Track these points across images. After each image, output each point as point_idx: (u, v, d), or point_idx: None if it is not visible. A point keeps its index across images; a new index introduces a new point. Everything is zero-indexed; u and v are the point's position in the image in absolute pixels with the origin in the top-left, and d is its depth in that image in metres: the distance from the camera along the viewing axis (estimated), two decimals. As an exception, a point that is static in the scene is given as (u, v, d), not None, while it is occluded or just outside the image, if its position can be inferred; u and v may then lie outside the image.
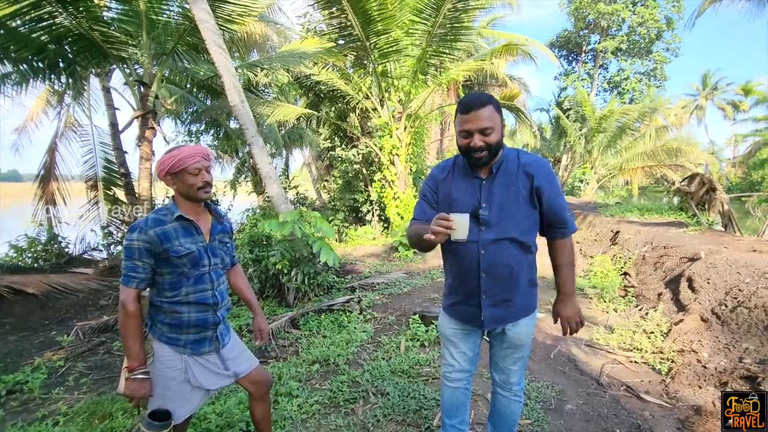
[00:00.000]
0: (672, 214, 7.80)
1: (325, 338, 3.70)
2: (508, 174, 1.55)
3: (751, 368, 2.33)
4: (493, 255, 1.53)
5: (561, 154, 21.83)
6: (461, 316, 1.69)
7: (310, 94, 10.69)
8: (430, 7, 6.99)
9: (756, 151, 23.12)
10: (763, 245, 4.35)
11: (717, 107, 32.24)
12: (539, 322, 3.92)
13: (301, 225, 4.72)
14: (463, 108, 1.47)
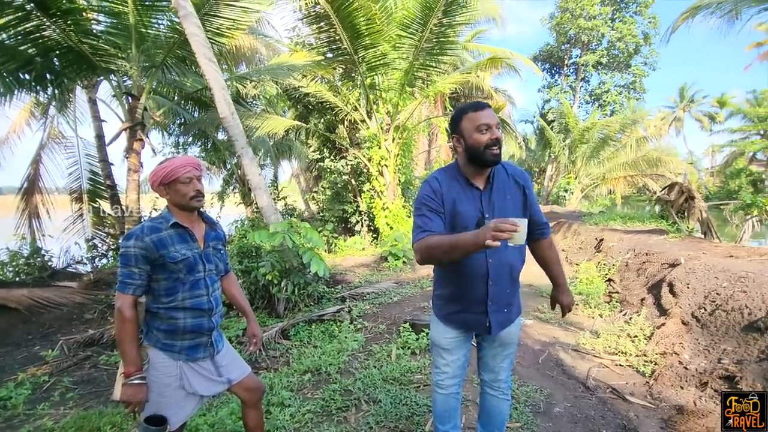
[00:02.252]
0: (653, 221, 8.02)
1: (316, 348, 3.71)
2: (502, 184, 1.63)
3: (730, 368, 2.43)
4: (500, 263, 1.60)
5: (546, 164, 22.27)
6: (464, 325, 1.70)
7: (298, 105, 10.77)
8: (416, 22, 7.17)
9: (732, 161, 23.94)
10: (739, 251, 4.52)
11: (694, 119, 33.33)
12: (528, 329, 4.00)
13: (291, 235, 4.73)
14: (475, 107, 1.55)
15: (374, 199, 9.36)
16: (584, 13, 22.55)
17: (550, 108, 24.38)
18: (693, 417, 2.23)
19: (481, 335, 1.76)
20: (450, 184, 1.59)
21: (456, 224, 1.56)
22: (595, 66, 23.94)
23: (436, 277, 1.76)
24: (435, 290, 1.78)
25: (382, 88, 8.72)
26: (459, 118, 1.58)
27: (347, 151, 10.14)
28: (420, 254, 1.49)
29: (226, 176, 12.49)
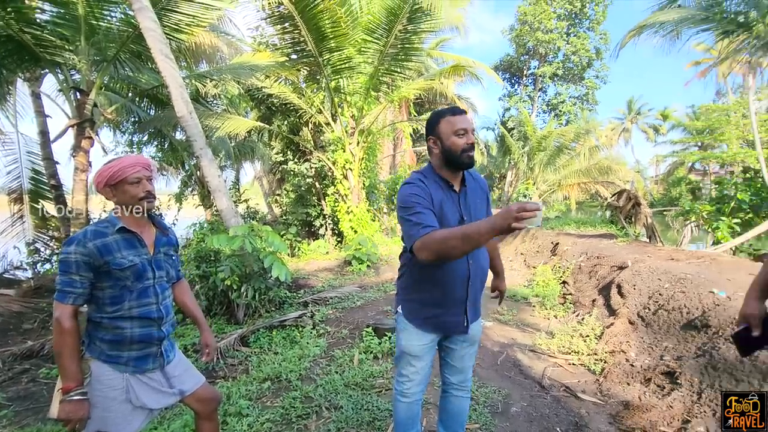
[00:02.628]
0: (604, 226, 8.47)
1: (276, 355, 3.63)
2: (472, 187, 1.72)
3: (670, 364, 2.60)
4: (478, 264, 1.69)
5: (506, 170, 22.99)
6: (442, 327, 1.72)
7: (261, 107, 10.55)
8: (381, 28, 7.22)
9: (674, 170, 25.79)
10: (679, 254, 4.86)
11: (641, 130, 35.59)
12: (488, 331, 4.10)
13: (252, 239, 4.62)
14: (453, 111, 1.61)
15: (338, 202, 9.31)
16: (542, 26, 23.61)
17: (510, 116, 25.29)
18: (638, 411, 2.37)
19: (450, 337, 1.78)
20: (433, 186, 1.62)
21: (440, 225, 1.56)
22: (551, 77, 25.10)
23: (410, 282, 1.72)
24: (407, 295, 1.75)
25: (347, 91, 8.71)
26: (437, 121, 1.62)
27: (311, 153, 10.03)
28: (428, 250, 1.39)
29: (185, 177, 12.02)
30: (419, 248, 1.41)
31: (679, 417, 2.19)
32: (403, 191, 1.57)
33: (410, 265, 1.69)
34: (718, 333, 2.56)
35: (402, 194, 1.56)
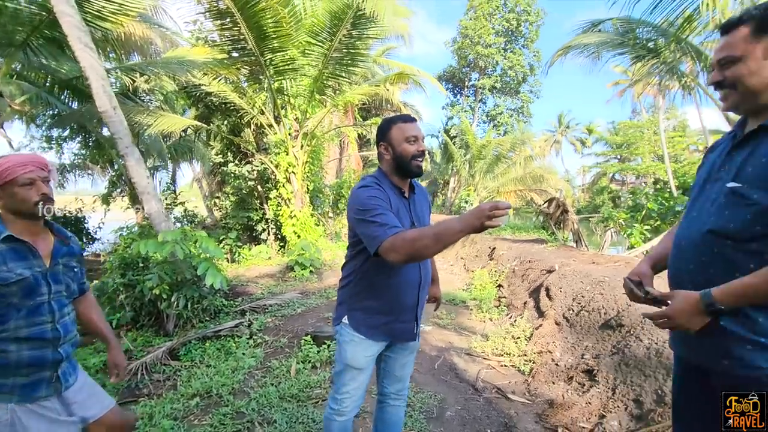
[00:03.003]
0: (536, 232, 9.01)
1: (209, 368, 3.43)
2: (418, 194, 1.76)
3: (589, 362, 2.80)
4: (427, 269, 1.72)
5: (449, 176, 23.80)
6: (392, 335, 1.69)
7: (199, 105, 10.03)
8: (326, 31, 7.17)
9: (597, 180, 28.18)
10: (599, 258, 5.27)
11: (570, 142, 38.56)
12: (427, 335, 4.17)
13: (184, 245, 4.36)
14: (405, 119, 1.64)
15: (281, 206, 9.07)
16: (481, 41, 24.83)
17: (452, 125, 26.24)
18: (561, 409, 2.52)
19: (392, 346, 1.77)
20: (389, 194, 1.61)
21: None
22: (490, 89, 26.43)
23: (359, 289, 1.67)
24: (356, 303, 1.68)
25: (290, 93, 8.54)
26: (388, 128, 1.63)
27: (253, 156, 9.69)
28: (398, 252, 1.34)
29: (113, 177, 11.10)
30: (388, 249, 1.36)
31: (596, 413, 2.37)
32: (361, 194, 1.53)
33: (360, 272, 1.65)
34: (630, 332, 2.80)
35: (361, 197, 1.52)
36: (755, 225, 1.01)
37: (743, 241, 1.02)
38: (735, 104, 1.12)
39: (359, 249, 1.62)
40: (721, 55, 1.10)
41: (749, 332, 1.01)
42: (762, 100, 1.06)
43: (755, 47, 1.04)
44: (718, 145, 1.26)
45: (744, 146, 1.10)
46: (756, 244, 1.01)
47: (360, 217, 1.48)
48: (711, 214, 1.10)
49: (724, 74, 1.09)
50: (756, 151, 1.05)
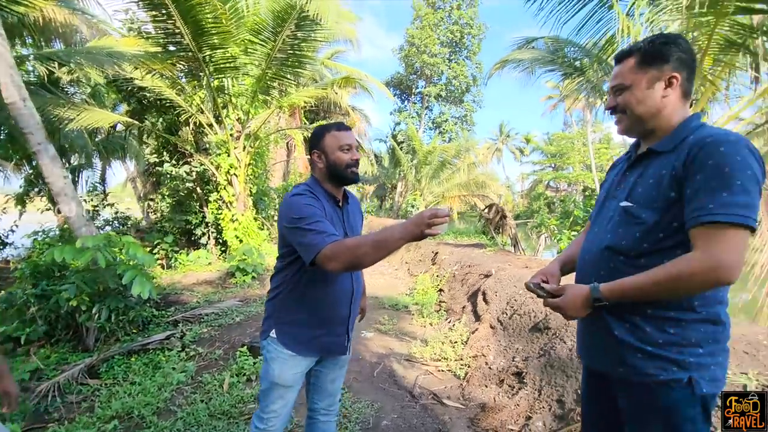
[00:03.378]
0: (477, 236, 9.37)
1: (133, 386, 3.18)
2: (351, 204, 1.75)
3: (519, 365, 2.94)
4: (359, 280, 1.72)
5: (397, 181, 24.13)
6: (323, 349, 1.65)
7: (132, 100, 9.35)
8: (268, 31, 6.98)
9: (534, 187, 29.96)
10: (532, 262, 5.58)
11: (510, 150, 40.69)
12: (368, 342, 4.17)
13: (108, 252, 4.03)
14: (339, 127, 1.62)
15: (222, 210, 8.68)
16: (427, 50, 25.52)
17: (400, 130, 26.65)
18: (492, 412, 2.62)
19: (322, 361, 1.73)
20: (322, 199, 1.57)
21: None
22: (436, 98, 27.22)
23: (289, 301, 1.60)
24: (285, 316, 1.61)
25: (231, 92, 8.20)
26: (322, 135, 1.61)
27: (192, 156, 9.19)
28: (338, 260, 1.32)
29: (30, 176, 10.02)
30: (327, 258, 1.33)
31: (524, 414, 2.49)
32: (295, 201, 1.49)
33: (291, 283, 1.59)
34: (556, 334, 2.98)
35: (295, 204, 1.47)
36: (643, 242, 1.10)
37: (634, 257, 1.12)
38: (627, 128, 1.22)
39: (291, 259, 1.57)
40: (614, 83, 1.20)
41: (638, 341, 1.10)
42: (649, 126, 1.17)
43: (641, 77, 1.14)
44: (617, 164, 1.37)
45: (636, 167, 1.20)
46: (644, 260, 1.10)
47: (295, 225, 1.44)
48: (608, 231, 1.19)
49: (617, 100, 1.20)
50: (645, 173, 1.15)
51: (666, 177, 1.08)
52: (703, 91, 4.89)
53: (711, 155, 1.00)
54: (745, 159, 0.98)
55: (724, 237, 0.95)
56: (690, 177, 1.02)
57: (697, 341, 1.07)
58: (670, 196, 1.06)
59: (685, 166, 1.03)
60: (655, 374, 1.08)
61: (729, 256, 0.94)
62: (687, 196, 1.02)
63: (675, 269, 0.99)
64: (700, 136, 1.05)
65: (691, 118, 1.15)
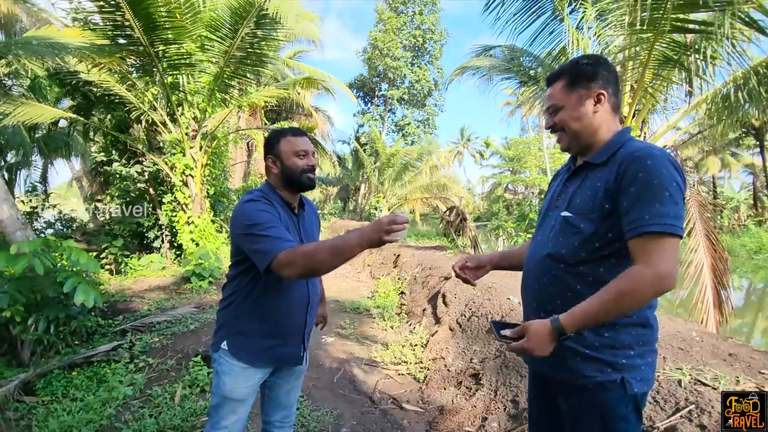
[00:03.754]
0: (439, 239, 9.52)
1: (74, 402, 2.98)
2: (308, 210, 1.72)
3: (476, 366, 3.01)
4: (315, 288, 1.67)
5: (360, 183, 24.12)
6: (278, 360, 1.61)
7: (76, 94, 8.78)
8: (226, 28, 6.77)
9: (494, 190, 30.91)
10: (491, 265, 5.74)
11: (470, 154, 41.79)
12: (328, 347, 4.13)
13: (46, 257, 3.76)
14: (294, 132, 1.60)
15: (177, 212, 8.31)
16: (390, 53, 25.74)
17: (363, 132, 26.68)
18: (450, 415, 2.66)
19: (277, 372, 1.68)
20: (276, 206, 1.53)
21: None
22: (399, 101, 27.50)
23: (242, 311, 1.54)
24: (238, 326, 1.55)
25: (187, 90, 7.88)
26: (277, 140, 1.58)
27: (144, 155, 8.75)
28: (294, 266, 1.31)
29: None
30: (283, 264, 1.31)
31: (480, 415, 2.54)
32: (249, 207, 1.45)
33: (244, 292, 1.54)
34: (511, 335, 3.07)
35: (248, 210, 1.44)
36: (582, 251, 1.16)
37: (573, 264, 1.18)
38: (567, 146, 1.29)
39: (244, 267, 1.53)
40: (548, 104, 1.28)
41: (579, 345, 1.16)
42: (585, 141, 1.24)
43: (572, 97, 1.22)
44: (559, 174, 1.45)
45: (574, 179, 1.28)
46: (582, 267, 1.16)
47: (248, 231, 1.40)
48: (550, 239, 1.25)
49: (554, 120, 1.27)
50: (582, 184, 1.22)
51: (601, 189, 1.14)
52: (645, 102, 5.24)
53: (640, 169, 1.07)
54: (670, 172, 1.06)
55: (661, 247, 1.02)
56: (623, 190, 1.09)
57: (629, 344, 1.14)
58: (605, 208, 1.13)
59: (617, 180, 1.11)
60: (593, 376, 1.14)
61: (667, 264, 1.02)
62: (623, 208, 1.09)
63: (621, 287, 1.03)
64: (629, 151, 1.13)
65: (621, 132, 1.23)
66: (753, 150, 23.85)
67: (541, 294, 1.25)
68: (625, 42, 4.78)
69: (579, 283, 1.16)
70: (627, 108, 5.16)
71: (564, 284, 1.19)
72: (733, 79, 4.82)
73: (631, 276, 1.03)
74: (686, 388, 1.83)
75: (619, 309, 1.04)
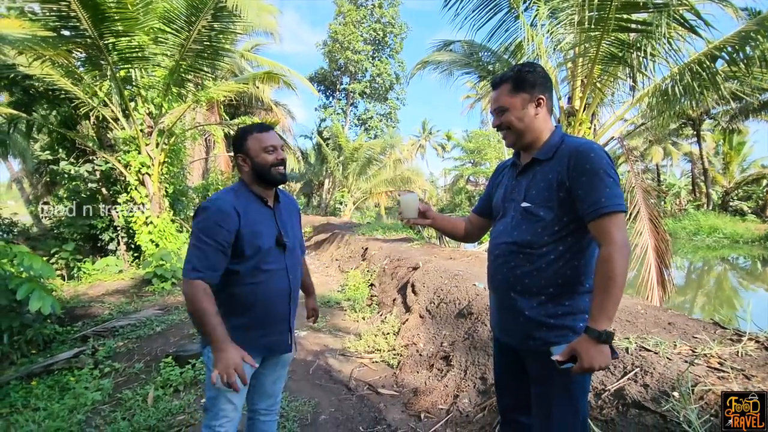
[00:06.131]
0: (405, 231, 9.69)
1: (37, 411, 2.87)
2: (286, 203, 1.77)
3: (446, 349, 3.17)
4: (296, 278, 1.72)
5: (324, 178, 23.94)
6: (268, 349, 1.67)
7: (15, 89, 8.16)
8: (182, 20, 6.53)
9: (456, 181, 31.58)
10: (455, 254, 5.96)
11: (433, 147, 42.41)
12: (302, 340, 4.17)
13: (-6, 264, 3.57)
14: (260, 128, 1.64)
15: (134, 212, 7.97)
16: (351, 46, 25.58)
17: (325, 126, 26.44)
18: (423, 395, 2.80)
19: (264, 361, 1.72)
20: (247, 205, 1.58)
21: (254, 244, 1.55)
22: (361, 94, 27.44)
23: (224, 302, 1.54)
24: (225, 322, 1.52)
25: (141, 84, 7.54)
26: (244, 138, 1.62)
27: (95, 153, 8.29)
28: (186, 295, 1.46)
29: None
30: (184, 288, 1.46)
31: (452, 394, 2.70)
32: (207, 212, 1.51)
33: (220, 285, 1.54)
34: (478, 318, 3.25)
35: (204, 215, 1.51)
36: (544, 235, 1.34)
37: (537, 248, 1.35)
38: (512, 142, 1.46)
39: None
40: (495, 106, 1.44)
41: (544, 316, 1.34)
42: (528, 139, 1.42)
43: (515, 100, 1.39)
44: (501, 169, 1.63)
45: (526, 173, 1.45)
46: (545, 249, 1.34)
47: (193, 231, 1.51)
48: (513, 228, 1.41)
49: (501, 120, 1.43)
50: (535, 177, 1.40)
51: (554, 181, 1.33)
52: (594, 96, 5.58)
53: (586, 161, 1.27)
54: (608, 160, 1.28)
55: (616, 223, 1.22)
56: (576, 180, 1.28)
57: (584, 309, 1.33)
58: (559, 197, 1.32)
59: (569, 171, 1.30)
60: (557, 341, 1.31)
61: (623, 235, 1.21)
62: (579, 195, 1.27)
63: (606, 272, 1.19)
64: (573, 146, 1.32)
65: (557, 130, 1.42)
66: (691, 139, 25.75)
67: (510, 276, 1.39)
68: (575, 39, 5.07)
69: (542, 262, 1.34)
70: (578, 101, 5.49)
71: (530, 265, 1.35)
72: (670, 74, 5.24)
73: (606, 259, 1.19)
74: (632, 354, 2.04)
75: (620, 285, 1.19)
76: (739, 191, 24.03)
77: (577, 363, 1.18)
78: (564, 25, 4.86)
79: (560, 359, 1.21)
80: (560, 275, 1.32)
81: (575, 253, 1.33)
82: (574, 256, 1.32)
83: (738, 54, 4.82)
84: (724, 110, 19.12)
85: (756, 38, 4.51)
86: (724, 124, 22.86)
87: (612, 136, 6.24)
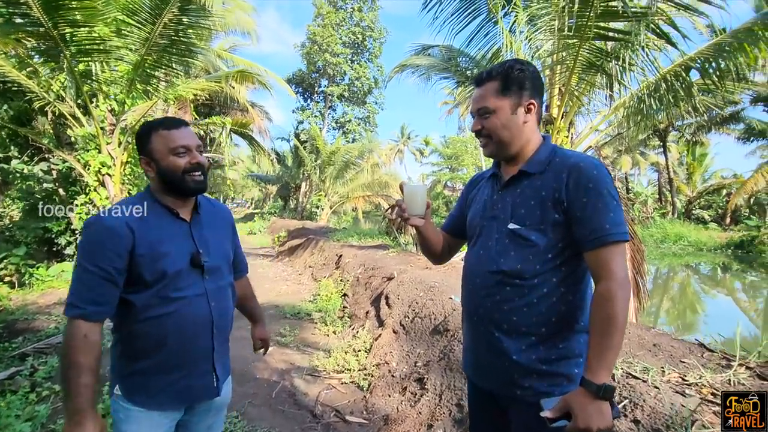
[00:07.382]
0: (381, 237, 9.48)
1: (-44, 446, 2.51)
2: (210, 215, 1.42)
3: (420, 371, 2.96)
4: (222, 305, 1.36)
5: (301, 181, 23.53)
6: (188, 395, 1.32)
7: (-42, 81, 7.55)
8: (146, 12, 6.15)
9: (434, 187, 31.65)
10: (433, 263, 5.77)
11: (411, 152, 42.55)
12: (267, 357, 3.87)
13: None
14: (169, 124, 1.29)
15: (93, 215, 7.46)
16: (330, 49, 25.34)
17: (303, 129, 26.02)
18: (395, 425, 2.57)
19: (192, 409, 1.38)
20: (148, 220, 1.24)
21: (156, 267, 1.20)
22: (339, 97, 27.21)
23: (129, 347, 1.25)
24: (130, 366, 1.26)
25: (101, 79, 7.09)
26: (147, 136, 1.28)
27: (51, 152, 7.76)
28: (64, 337, 1.15)
29: None
30: (65, 329, 1.16)
31: (426, 422, 2.49)
32: (89, 232, 1.21)
33: (127, 325, 1.24)
34: (454, 336, 3.07)
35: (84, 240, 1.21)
36: (536, 264, 1.12)
37: (528, 278, 1.13)
38: (492, 152, 1.24)
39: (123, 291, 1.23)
40: (478, 106, 1.20)
41: (535, 362, 1.12)
42: (512, 150, 1.20)
43: (503, 103, 1.17)
44: (478, 180, 1.40)
45: (509, 188, 1.22)
46: (537, 280, 1.12)
47: (77, 258, 1.20)
48: (499, 254, 1.18)
49: (483, 124, 1.20)
50: (523, 194, 1.18)
51: (548, 199, 1.12)
52: (572, 105, 5.54)
53: (589, 179, 1.08)
54: (610, 179, 1.10)
55: (617, 254, 1.05)
56: (575, 200, 1.08)
57: (579, 352, 1.13)
58: (554, 218, 1.11)
59: (567, 189, 1.10)
60: (549, 391, 1.10)
61: (624, 269, 1.04)
62: (578, 218, 1.08)
63: (605, 311, 1.00)
64: (572, 161, 1.13)
65: (547, 141, 1.23)
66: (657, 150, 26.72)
67: (495, 311, 1.17)
68: (553, 47, 5.00)
69: (534, 296, 1.13)
70: (556, 109, 5.43)
71: (519, 299, 1.14)
72: (645, 85, 5.24)
73: (609, 296, 1.01)
74: (619, 383, 1.89)
75: (622, 328, 1.00)
76: (701, 200, 25.06)
77: (571, 421, 0.97)
78: (543, 32, 4.79)
79: (551, 416, 1.01)
80: (554, 312, 1.12)
81: (570, 285, 1.13)
82: (569, 288, 1.12)
83: (711, 65, 4.86)
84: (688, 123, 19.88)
85: (730, 51, 4.54)
86: (688, 136, 23.82)
87: (589, 145, 6.23)
